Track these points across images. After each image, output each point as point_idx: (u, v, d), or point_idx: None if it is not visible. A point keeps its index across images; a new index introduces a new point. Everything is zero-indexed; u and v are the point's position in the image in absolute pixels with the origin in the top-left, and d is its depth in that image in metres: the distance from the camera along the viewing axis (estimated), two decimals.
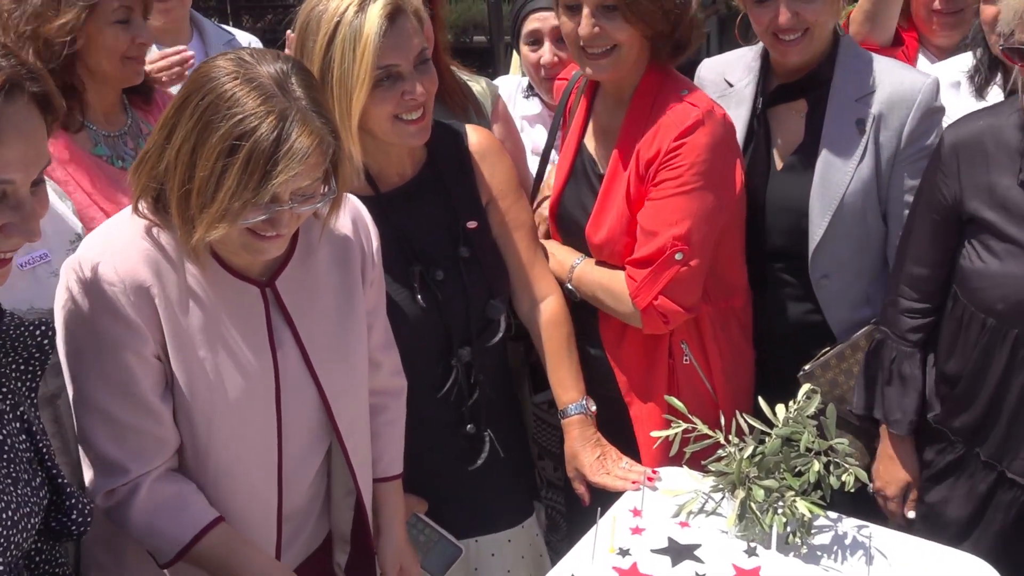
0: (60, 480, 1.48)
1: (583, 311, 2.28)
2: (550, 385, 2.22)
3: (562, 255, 2.29)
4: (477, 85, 2.57)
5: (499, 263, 2.18)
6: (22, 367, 1.49)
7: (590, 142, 2.29)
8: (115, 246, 1.59)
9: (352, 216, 1.84)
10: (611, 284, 2.19)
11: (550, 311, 2.22)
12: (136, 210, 1.60)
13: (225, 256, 1.65)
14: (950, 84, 2.47)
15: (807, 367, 2.28)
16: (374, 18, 1.85)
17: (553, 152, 2.50)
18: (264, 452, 1.72)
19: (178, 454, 1.68)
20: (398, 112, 1.94)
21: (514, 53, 3.21)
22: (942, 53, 2.85)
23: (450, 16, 8.72)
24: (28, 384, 1.50)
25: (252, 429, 1.69)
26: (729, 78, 2.45)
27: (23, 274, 1.84)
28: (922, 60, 2.91)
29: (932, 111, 2.24)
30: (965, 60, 2.52)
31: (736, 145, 2.23)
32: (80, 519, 1.49)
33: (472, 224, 2.12)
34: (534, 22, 2.82)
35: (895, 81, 2.27)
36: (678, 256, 2.07)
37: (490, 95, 2.58)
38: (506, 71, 3.76)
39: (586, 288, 2.24)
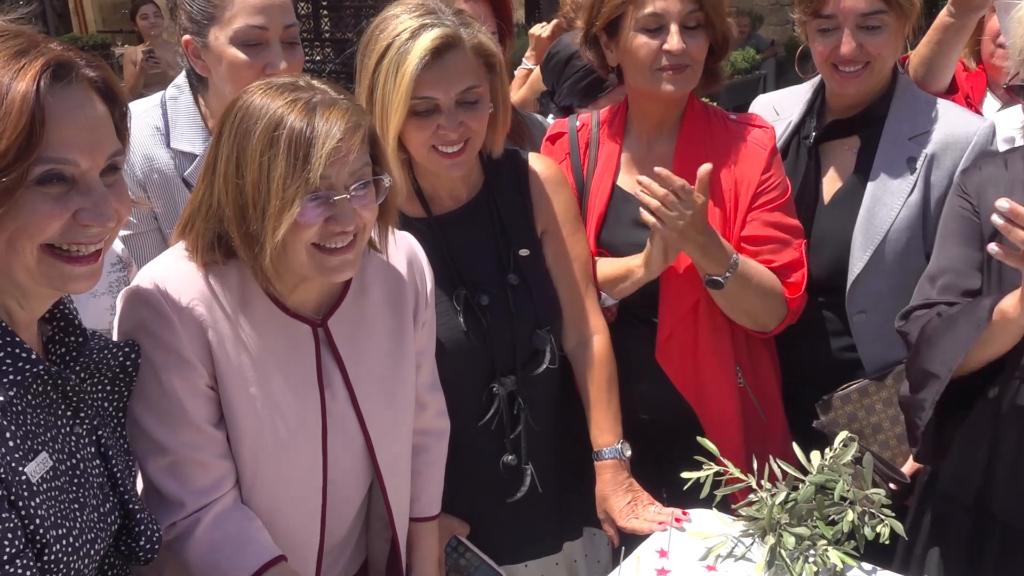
0: (132, 505, 1.49)
1: (633, 338, 2.27)
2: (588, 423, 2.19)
3: (718, 249, 2.15)
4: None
5: (550, 293, 2.16)
6: (108, 387, 1.52)
7: (625, 180, 2.28)
8: (170, 281, 1.61)
9: (408, 256, 1.85)
10: (770, 278, 2.21)
11: (596, 349, 2.20)
12: (190, 252, 1.62)
13: (281, 294, 1.65)
14: (1004, 139, 2.41)
15: (826, 396, 2.24)
16: (420, 48, 1.87)
17: None
18: (309, 491, 1.73)
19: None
20: (434, 143, 1.95)
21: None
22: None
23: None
24: (115, 404, 1.53)
25: (298, 468, 1.70)
26: (778, 107, 2.44)
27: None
28: (989, 101, 2.84)
29: (986, 154, 2.19)
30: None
31: None
32: (148, 545, 1.50)
33: (524, 252, 2.11)
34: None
35: (951, 123, 2.23)
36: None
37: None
38: None
39: (753, 275, 2.18)
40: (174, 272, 1.63)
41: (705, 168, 2.06)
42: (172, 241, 1.67)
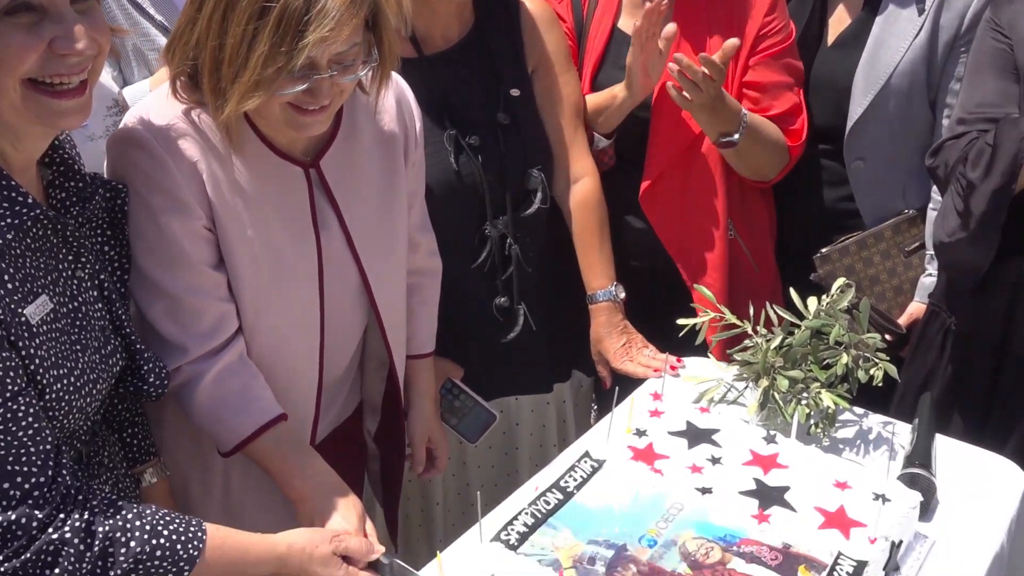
0: (137, 346, 1.49)
1: (627, 186, 2.24)
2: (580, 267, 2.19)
3: (727, 108, 2.11)
4: None
5: (540, 134, 2.13)
6: (108, 231, 1.49)
7: (625, 22, 2.21)
8: (161, 122, 1.56)
9: (396, 96, 1.79)
10: (775, 129, 2.17)
11: (585, 192, 2.17)
12: (174, 92, 1.56)
13: (268, 135, 1.61)
14: None
15: (825, 250, 2.22)
16: None
17: None
18: (308, 331, 1.72)
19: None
20: None
21: None
22: None
23: None
24: (117, 250, 1.51)
25: (296, 309, 1.69)
26: None
27: None
28: None
29: None
30: None
31: None
32: (157, 382, 1.51)
33: (515, 92, 2.07)
34: None
35: None
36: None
37: None
38: None
39: (760, 128, 2.15)
40: (163, 113, 1.57)
41: (732, 43, 2.00)
42: (156, 64, 1.60)
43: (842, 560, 1.44)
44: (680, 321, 1.93)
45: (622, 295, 2.19)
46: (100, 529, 1.27)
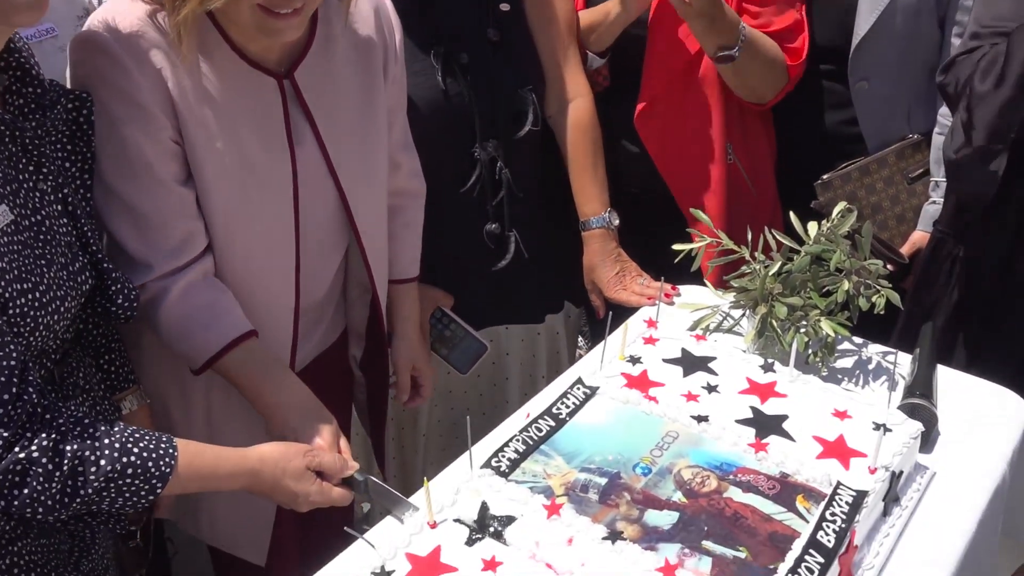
0: (105, 264, 1.42)
1: (621, 108, 2.15)
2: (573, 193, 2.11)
3: (725, 19, 2.01)
4: None
5: (531, 52, 2.03)
6: (68, 146, 1.41)
7: None
8: (124, 26, 1.46)
9: (374, 5, 1.70)
10: (774, 45, 2.09)
11: (579, 113, 2.08)
12: None
13: (240, 43, 1.52)
14: None
15: (826, 176, 2.15)
16: None
17: None
18: (282, 249, 1.65)
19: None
20: None
21: None
22: None
23: None
24: (78, 166, 1.43)
25: (269, 227, 1.62)
26: None
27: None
28: None
29: None
30: None
31: None
32: (126, 303, 1.44)
33: (505, 6, 1.97)
34: None
35: None
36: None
37: None
38: None
39: (759, 43, 2.06)
40: (127, 15, 1.47)
41: None
42: None
43: (841, 490, 1.40)
44: (676, 246, 1.86)
45: (616, 222, 2.12)
46: (68, 448, 1.23)
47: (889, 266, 2.12)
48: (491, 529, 1.34)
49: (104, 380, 1.58)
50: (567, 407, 1.58)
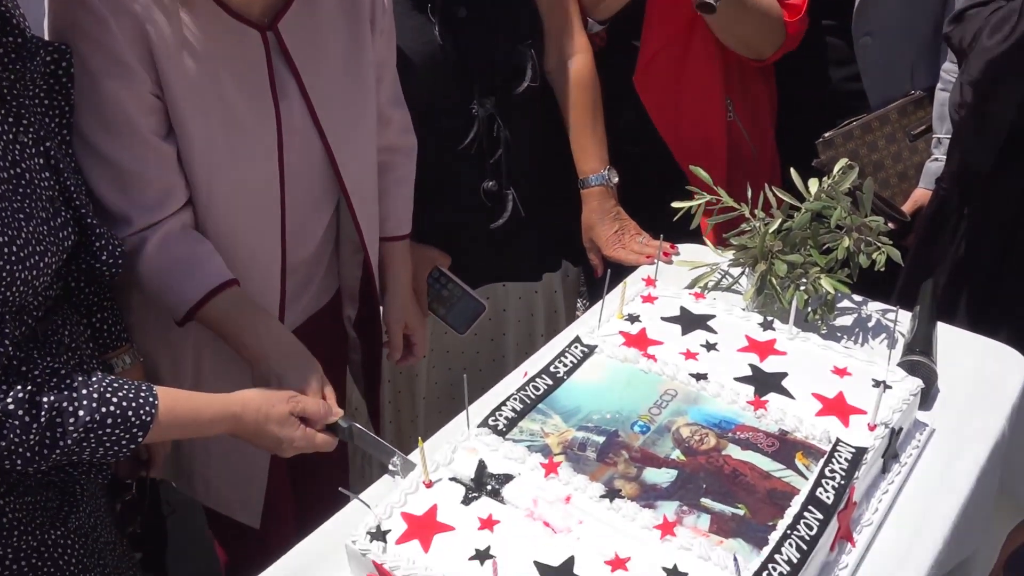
0: (89, 220, 1.39)
1: (620, 67, 2.11)
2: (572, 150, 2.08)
3: None
4: None
5: (530, 6, 1.99)
6: (46, 101, 1.38)
7: None
8: None
9: None
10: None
11: (579, 69, 2.05)
12: None
13: None
14: None
15: (827, 134, 2.12)
16: None
17: None
18: (267, 205, 1.62)
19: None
20: None
21: None
22: None
23: None
24: (57, 120, 1.39)
25: (253, 180, 1.58)
26: None
27: None
28: None
29: None
30: None
31: None
32: (111, 260, 1.42)
33: None
34: None
35: None
36: None
37: None
38: None
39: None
40: None
41: None
42: None
43: (840, 447, 1.39)
44: (675, 204, 1.84)
45: (615, 179, 2.09)
46: (45, 400, 1.22)
47: (891, 224, 2.11)
48: (488, 487, 1.33)
49: (95, 338, 1.56)
50: (565, 366, 1.57)
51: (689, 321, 1.69)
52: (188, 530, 2.12)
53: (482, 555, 1.22)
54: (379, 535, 1.24)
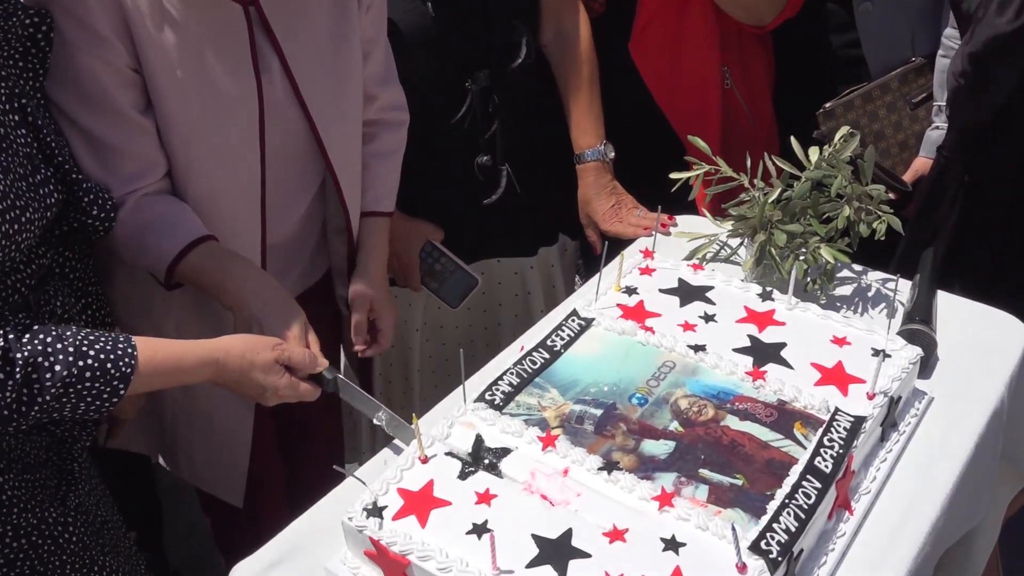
0: (74, 176, 1.36)
1: (616, 36, 2.09)
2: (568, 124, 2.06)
3: None
4: None
5: None
6: (20, 63, 1.35)
7: None
8: None
9: None
10: None
11: (574, 43, 2.02)
12: None
13: None
14: None
15: (828, 104, 2.10)
16: None
17: None
18: (246, 181, 1.60)
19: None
20: None
21: None
22: None
23: None
24: (31, 83, 1.37)
25: (233, 157, 1.57)
26: None
27: None
28: None
29: None
30: None
31: None
32: (102, 214, 1.39)
33: None
34: None
35: None
36: None
37: None
38: None
39: None
40: None
41: None
42: None
43: (839, 416, 1.38)
44: (673, 175, 1.83)
45: (611, 154, 2.08)
46: (19, 356, 1.19)
47: (891, 194, 2.09)
48: (485, 461, 1.32)
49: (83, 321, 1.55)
50: (562, 339, 1.56)
51: (687, 293, 1.68)
52: (183, 509, 2.12)
53: (479, 529, 1.22)
54: (375, 511, 1.24)
